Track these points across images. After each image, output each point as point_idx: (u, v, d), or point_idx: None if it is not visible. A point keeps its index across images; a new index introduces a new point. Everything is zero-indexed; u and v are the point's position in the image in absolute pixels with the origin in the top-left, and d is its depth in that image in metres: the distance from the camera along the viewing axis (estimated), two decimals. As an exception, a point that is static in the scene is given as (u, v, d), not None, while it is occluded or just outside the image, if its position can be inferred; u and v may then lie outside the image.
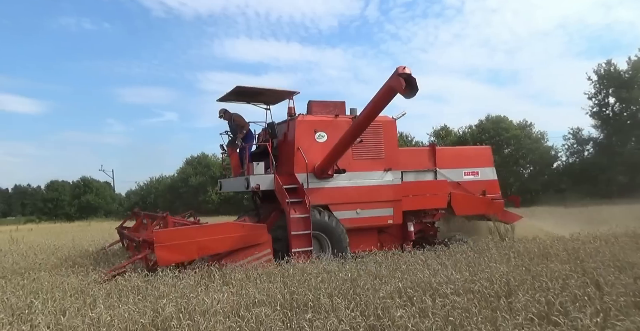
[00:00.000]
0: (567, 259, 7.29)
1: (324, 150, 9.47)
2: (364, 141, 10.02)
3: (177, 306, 5.21)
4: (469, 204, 11.26)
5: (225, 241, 8.24)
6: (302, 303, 5.27)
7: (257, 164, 9.85)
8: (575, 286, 5.29)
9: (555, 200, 22.28)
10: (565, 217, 15.83)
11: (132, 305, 5.41)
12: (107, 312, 5.02)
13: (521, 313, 4.47)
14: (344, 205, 9.79)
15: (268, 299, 5.43)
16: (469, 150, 13.24)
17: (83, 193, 63.98)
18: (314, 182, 9.62)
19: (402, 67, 7.50)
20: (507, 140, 41.96)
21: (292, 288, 5.90)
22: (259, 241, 8.47)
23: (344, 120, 10.04)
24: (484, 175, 11.77)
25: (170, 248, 7.78)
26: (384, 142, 10.35)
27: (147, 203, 53.24)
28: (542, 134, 43.31)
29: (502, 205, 11.76)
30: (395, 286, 5.75)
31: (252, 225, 8.99)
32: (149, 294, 6.06)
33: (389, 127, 10.44)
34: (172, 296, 5.72)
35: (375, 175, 10.15)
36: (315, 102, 10.43)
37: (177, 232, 8.23)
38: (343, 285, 6.00)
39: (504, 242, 9.77)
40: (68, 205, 62.50)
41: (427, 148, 11.73)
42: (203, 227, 8.68)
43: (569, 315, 4.36)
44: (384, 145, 10.32)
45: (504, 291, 5.42)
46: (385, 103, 8.30)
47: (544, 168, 41.46)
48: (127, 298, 5.85)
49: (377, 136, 10.30)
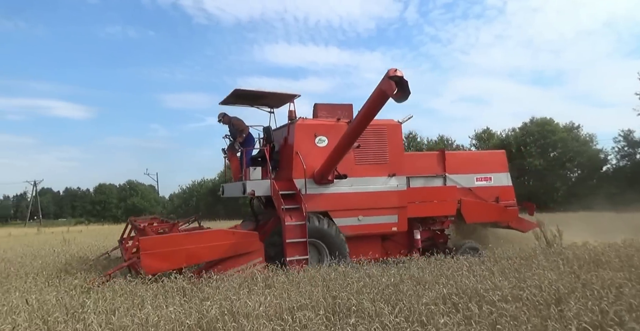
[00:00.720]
0: (620, 267, 6.98)
1: (324, 155, 9.14)
2: (367, 145, 9.79)
3: (221, 308, 5.29)
4: (480, 211, 10.85)
5: (215, 249, 8.04)
6: (345, 307, 5.26)
7: (253, 169, 9.69)
8: (630, 295, 5.05)
9: (606, 204, 21.31)
10: (614, 222, 15.09)
11: (178, 306, 5.54)
12: (155, 313, 5.16)
13: (573, 322, 4.30)
14: (345, 211, 9.49)
15: (311, 303, 5.44)
16: (482, 154, 12.55)
17: (129, 196, 66.26)
18: (314, 187, 9.36)
19: (394, 70, 7.17)
20: (553, 143, 40.56)
21: (334, 293, 5.88)
22: (250, 249, 8.28)
23: (346, 123, 9.70)
24: (498, 180, 11.31)
25: (157, 256, 7.62)
26: (389, 146, 10.03)
27: (190, 206, 54.49)
28: (591, 137, 41.61)
29: (516, 212, 11.29)
30: (439, 292, 5.65)
31: (243, 232, 8.77)
32: (193, 296, 6.20)
33: (393, 131, 10.13)
34: (216, 298, 5.83)
35: (378, 180, 9.84)
36: (322, 105, 10.28)
37: (164, 239, 8.07)
38: (385, 290, 5.94)
39: (552, 248, 9.44)
40: (115, 207, 64.84)
41: (436, 153, 11.31)
42: (192, 234, 8.53)
43: (625, 325, 4.17)
44: (388, 150, 10.01)
45: (554, 299, 5.24)
46: (378, 108, 7.94)
47: (593, 172, 39.85)
48: (173, 299, 6.00)
49: (381, 140, 10.02)
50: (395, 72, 7.14)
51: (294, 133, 9.52)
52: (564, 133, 41.13)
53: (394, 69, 7.16)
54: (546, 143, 40.73)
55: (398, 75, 7.11)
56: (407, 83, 7.13)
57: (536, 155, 40.52)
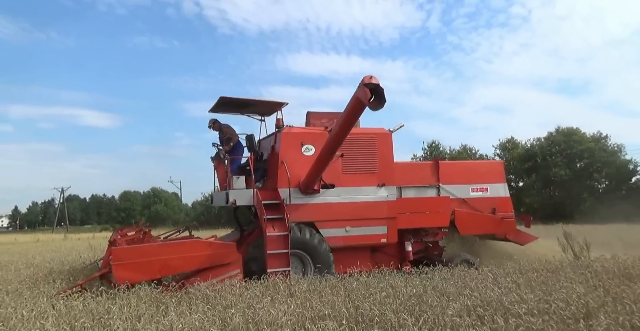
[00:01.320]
0: (653, 281, 6.76)
1: (311, 164, 8.88)
2: (356, 155, 9.62)
3: (244, 316, 5.32)
4: (475, 223, 10.50)
5: (191, 260, 7.86)
6: (368, 318, 5.22)
7: (237, 178, 9.51)
8: (663, 311, 4.89)
9: (635, 217, 20.72)
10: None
11: (201, 313, 5.58)
12: (179, 320, 5.21)
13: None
14: (332, 222, 9.25)
15: (333, 313, 5.41)
16: (478, 164, 12.09)
17: (153, 203, 67.18)
18: (299, 197, 9.16)
19: (369, 77, 6.93)
20: (579, 153, 39.82)
21: (356, 303, 5.85)
22: (227, 260, 8.10)
23: None
24: (495, 191, 10.95)
25: (129, 267, 7.45)
26: (378, 155, 9.79)
27: (212, 214, 54.88)
28: (619, 147, 40.77)
29: (513, 224, 10.93)
30: (464, 304, 5.57)
31: (220, 243, 8.58)
32: (217, 303, 6.23)
33: (383, 140, 9.88)
34: (239, 306, 5.84)
35: (367, 190, 9.58)
36: (314, 113, 10.14)
37: (138, 250, 7.92)
38: (408, 301, 5.88)
39: (579, 260, 9.22)
40: (139, 214, 65.75)
41: (430, 163, 11.03)
42: (167, 245, 8.32)
43: (658, 342, 4.04)
44: (378, 159, 9.77)
45: (582, 314, 5.10)
46: (355, 116, 7.74)
47: (622, 183, 38.89)
48: (197, 307, 6.04)
49: (370, 149, 9.78)
50: (370, 79, 6.92)
51: (280, 141, 9.40)
52: (590, 143, 40.34)
53: (369, 76, 6.95)
54: (572, 153, 40.02)
55: (373, 82, 6.88)
56: (382, 90, 6.88)
57: (562, 165, 39.81)
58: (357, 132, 9.72)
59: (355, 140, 9.53)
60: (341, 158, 9.35)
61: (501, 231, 10.67)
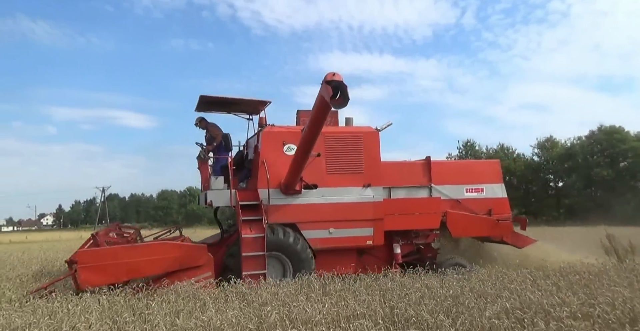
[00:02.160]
0: None
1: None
2: (341, 154, 9.35)
3: (279, 314, 5.36)
4: (468, 225, 10.03)
5: (159, 262, 7.68)
6: (404, 318, 5.19)
7: (215, 178, 9.31)
8: None
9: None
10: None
11: (238, 310, 5.66)
12: (217, 316, 5.30)
13: (651, 343, 4.03)
14: (315, 223, 8.99)
15: (368, 312, 5.41)
16: (473, 164, 11.39)
17: (189, 202, 68.49)
18: (280, 198, 8.94)
19: (331, 74, 6.60)
20: (623, 152, 38.38)
21: (391, 303, 5.82)
22: (198, 263, 7.92)
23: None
24: (491, 192, 10.47)
25: (95, 270, 7.32)
26: (365, 155, 9.45)
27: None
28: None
29: (510, 226, 10.39)
30: (502, 306, 5.46)
31: (190, 245, 8.35)
32: (252, 301, 6.31)
33: (370, 139, 9.54)
34: (274, 304, 5.90)
35: (352, 191, 9.28)
36: (304, 111, 9.69)
37: (103, 252, 7.73)
38: (445, 302, 5.80)
39: (624, 263, 8.89)
40: (176, 213, 67.27)
41: (422, 162, 10.41)
42: (134, 247, 8.10)
43: None
44: (364, 159, 9.45)
45: (628, 318, 4.92)
46: (321, 115, 7.36)
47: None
48: (233, 304, 6.13)
49: (356, 149, 9.45)
50: (333, 76, 6.57)
51: (261, 141, 9.21)
52: (635, 142, 38.80)
53: (332, 73, 6.60)
54: (615, 153, 38.65)
55: (336, 79, 6.54)
56: (345, 88, 6.53)
57: (604, 165, 38.52)
58: (342, 130, 9.64)
59: (340, 139, 9.39)
60: (325, 158, 9.18)
61: (497, 233, 10.19)
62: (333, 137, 9.36)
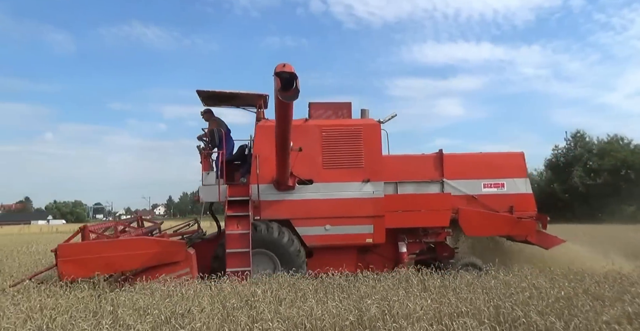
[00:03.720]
0: None
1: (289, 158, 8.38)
2: (338, 148, 9.00)
3: (380, 307, 5.38)
4: (484, 223, 9.28)
5: (137, 258, 7.71)
6: (511, 318, 4.96)
7: (206, 174, 9.18)
8: None
9: None
10: None
11: (337, 301, 5.76)
12: (317, 306, 5.43)
13: None
14: (310, 220, 8.75)
15: (472, 310, 5.24)
16: (492, 156, 10.08)
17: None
18: (273, 194, 8.79)
19: (281, 65, 6.27)
20: None
21: (497, 302, 5.59)
22: (176, 259, 7.89)
23: (314, 124, 9.08)
24: (513, 187, 9.59)
25: (75, 263, 7.46)
26: (365, 148, 9.03)
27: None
28: None
29: (533, 225, 9.43)
30: (623, 310, 5.03)
31: (168, 241, 8.32)
32: (351, 293, 6.38)
33: (371, 132, 9.10)
34: (374, 297, 5.91)
35: (351, 186, 8.92)
36: (316, 103, 9.54)
37: (83, 246, 7.84)
38: (556, 303, 5.46)
39: None
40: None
41: (433, 155, 9.77)
42: (114, 242, 8.08)
43: None
44: (364, 153, 9.02)
45: None
46: (281, 109, 6.97)
47: None
48: (333, 295, 6.23)
49: (355, 142, 9.05)
50: (283, 67, 6.25)
51: (255, 135, 9.06)
52: None
53: (282, 64, 6.28)
54: None
55: (286, 70, 6.23)
56: (293, 79, 6.26)
57: None
58: (341, 123, 9.29)
59: (338, 132, 9.08)
60: (322, 152, 8.94)
61: (518, 232, 9.41)
62: (330, 130, 9.09)
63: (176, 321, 5.01)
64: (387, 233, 8.99)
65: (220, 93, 9.51)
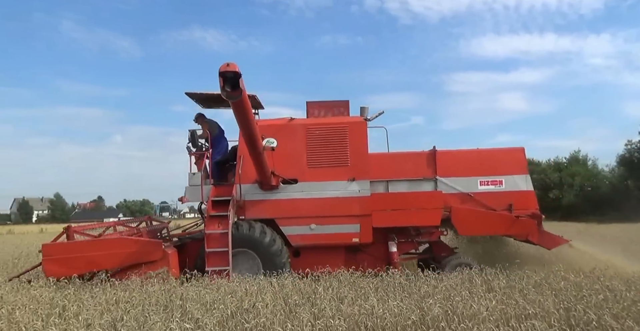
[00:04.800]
0: None
1: (273, 158, 8.48)
2: (323, 147, 8.93)
3: (443, 307, 5.29)
4: (478, 222, 8.90)
5: (115, 257, 7.89)
6: (583, 322, 4.74)
7: (192, 174, 9.29)
8: None
9: None
10: None
11: (399, 301, 5.72)
12: (379, 305, 5.42)
13: None
14: (294, 219, 8.72)
15: (541, 312, 5.05)
16: (489, 153, 9.61)
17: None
18: (258, 193, 8.83)
19: (225, 64, 6.26)
20: None
21: (567, 304, 5.35)
22: (152, 258, 7.98)
23: (299, 123, 9.08)
24: (512, 184, 9.12)
25: (59, 262, 7.74)
26: (350, 147, 8.91)
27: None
28: None
29: (532, 224, 8.89)
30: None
31: (145, 241, 8.46)
32: (412, 292, 6.31)
33: (357, 130, 8.96)
34: (436, 297, 5.83)
35: (336, 185, 8.83)
36: (313, 102, 9.56)
37: (66, 246, 8.09)
38: (633, 307, 5.16)
39: None
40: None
41: (426, 153, 9.41)
42: (94, 241, 8.32)
43: None
44: (349, 151, 8.90)
45: None
46: (235, 109, 6.97)
47: None
48: (394, 294, 6.20)
49: (340, 141, 8.94)
50: (227, 66, 6.26)
51: (239, 135, 8.92)
52: None
53: (226, 64, 6.29)
54: None
55: (230, 69, 6.25)
56: (236, 78, 6.32)
57: None
58: (326, 122, 9.22)
59: (323, 131, 9.02)
60: (306, 152, 8.92)
61: (517, 232, 8.99)
62: (315, 128, 9.05)
63: (241, 316, 5.16)
64: (377, 232, 8.92)
65: (208, 95, 9.58)
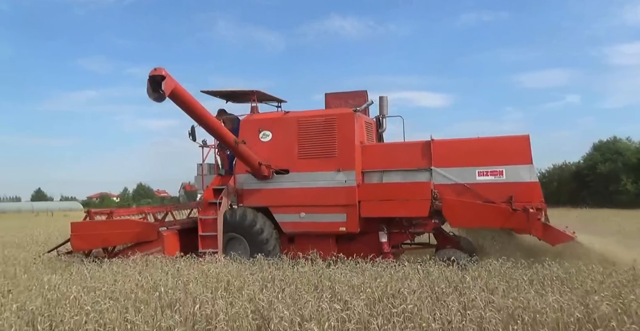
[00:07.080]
0: None
1: (268, 150, 9.25)
2: (312, 138, 9.21)
3: (611, 305, 4.77)
4: (472, 214, 8.47)
5: (123, 236, 9.25)
6: None
7: (199, 165, 10.22)
8: None
9: None
10: None
11: (558, 295, 5.29)
12: (535, 298, 5.10)
13: None
14: (286, 208, 9.22)
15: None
16: (489, 141, 8.90)
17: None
18: (254, 183, 9.41)
19: (153, 70, 7.12)
20: None
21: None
22: (150, 238, 9.12)
23: (292, 116, 9.50)
24: (513, 175, 8.50)
25: (82, 238, 9.32)
26: (338, 138, 9.06)
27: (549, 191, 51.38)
28: None
29: (534, 216, 8.11)
30: None
31: (145, 223, 9.77)
32: (574, 287, 5.84)
33: (345, 121, 9.07)
34: (603, 294, 5.27)
35: (324, 175, 9.06)
36: (331, 94, 10.01)
37: (86, 225, 9.66)
38: None
39: None
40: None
41: (421, 142, 9.16)
42: (106, 222, 9.70)
43: None
44: (337, 142, 9.05)
45: None
46: (183, 107, 7.87)
47: None
48: (552, 288, 5.78)
49: (329, 132, 9.14)
50: (154, 71, 7.09)
51: (239, 129, 9.65)
52: None
53: (154, 69, 7.10)
54: None
55: (157, 73, 7.05)
56: (158, 81, 7.02)
57: None
58: (315, 114, 9.51)
59: (312, 122, 9.28)
60: (297, 143, 9.25)
61: (515, 225, 8.42)
62: (305, 120, 9.36)
63: (388, 301, 5.22)
64: (369, 222, 9.02)
65: (220, 92, 10.46)
